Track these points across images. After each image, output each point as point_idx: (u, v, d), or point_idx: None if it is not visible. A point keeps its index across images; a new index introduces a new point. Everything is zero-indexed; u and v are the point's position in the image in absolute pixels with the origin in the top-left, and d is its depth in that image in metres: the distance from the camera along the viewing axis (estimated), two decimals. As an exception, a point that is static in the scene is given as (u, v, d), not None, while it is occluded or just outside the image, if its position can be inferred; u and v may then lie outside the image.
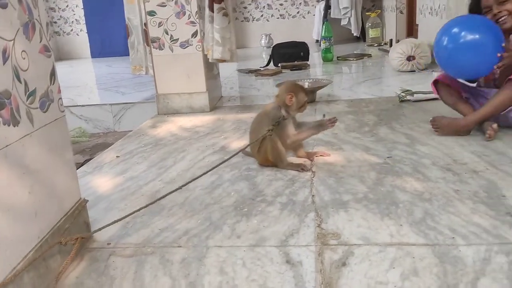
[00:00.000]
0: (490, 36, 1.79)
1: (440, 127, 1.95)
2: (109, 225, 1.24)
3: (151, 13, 2.69)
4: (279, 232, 1.27)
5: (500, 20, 1.85)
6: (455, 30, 1.84)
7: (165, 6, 2.67)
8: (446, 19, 2.61)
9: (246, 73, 4.30)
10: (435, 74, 3.24)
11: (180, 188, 1.38)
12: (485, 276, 1.00)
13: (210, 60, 2.69)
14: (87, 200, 1.33)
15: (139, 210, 1.29)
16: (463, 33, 1.80)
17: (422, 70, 3.52)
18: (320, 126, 1.73)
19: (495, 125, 1.83)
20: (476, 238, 1.14)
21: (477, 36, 1.79)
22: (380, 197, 1.43)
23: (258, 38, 6.57)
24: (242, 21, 6.82)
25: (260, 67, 4.50)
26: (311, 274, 1.07)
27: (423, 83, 3.07)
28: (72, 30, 7.12)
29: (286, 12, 6.75)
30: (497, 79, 1.96)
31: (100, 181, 1.80)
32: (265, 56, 5.44)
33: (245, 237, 1.26)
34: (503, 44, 1.77)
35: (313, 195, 1.49)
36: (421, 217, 1.28)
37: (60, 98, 1.23)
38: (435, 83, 2.07)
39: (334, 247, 1.17)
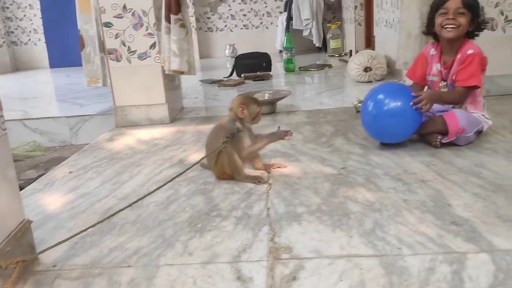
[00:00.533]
0: (408, 103, 1.87)
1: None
2: (52, 247, 1.20)
3: (107, 25, 2.65)
4: (232, 248, 1.26)
5: (447, 27, 1.90)
6: (380, 97, 1.93)
7: (122, 17, 2.63)
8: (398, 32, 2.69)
9: (209, 83, 4.29)
10: (392, 84, 3.33)
11: (130, 205, 1.35)
12: (429, 286, 1.02)
13: (166, 72, 2.67)
14: (31, 221, 1.28)
15: (85, 230, 1.25)
16: (386, 101, 1.90)
17: (378, 80, 3.61)
18: (274, 135, 1.75)
19: (440, 136, 1.90)
20: (422, 248, 1.17)
21: (398, 103, 1.88)
22: (333, 208, 1.45)
23: (222, 48, 6.58)
24: (206, 31, 6.82)
25: (223, 77, 4.50)
26: (261, 290, 1.06)
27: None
28: (30, 39, 6.92)
29: (250, 22, 6.80)
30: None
31: (50, 199, 1.74)
32: (230, 66, 5.45)
33: (197, 254, 1.25)
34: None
35: (268, 208, 1.49)
36: (371, 228, 1.30)
37: (2, 116, 1.18)
38: None
39: (286, 261, 1.17)
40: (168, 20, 2.49)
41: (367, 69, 3.56)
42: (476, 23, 1.92)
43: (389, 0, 3.65)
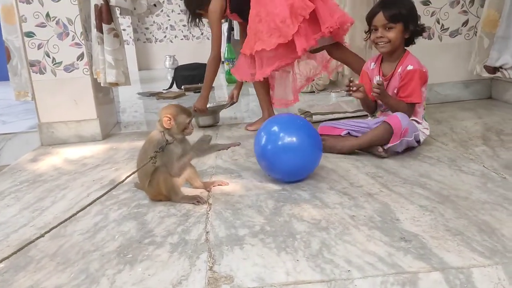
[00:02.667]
0: (305, 138, 1.67)
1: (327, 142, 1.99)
2: None
3: (29, 34, 2.42)
4: (166, 281, 1.12)
5: (379, 44, 1.93)
6: (274, 129, 1.68)
7: (45, 26, 2.42)
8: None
9: (148, 96, 4.10)
10: (333, 95, 3.33)
11: (42, 236, 1.17)
12: (381, 312, 0.94)
13: (102, 84, 2.48)
14: None
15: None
16: (281, 135, 1.65)
17: (321, 91, 3.60)
18: (215, 146, 1.68)
19: (380, 148, 1.87)
20: (371, 269, 1.09)
21: (294, 138, 1.64)
22: (277, 228, 1.34)
23: (162, 59, 6.39)
24: (144, 42, 6.60)
25: (163, 89, 4.33)
26: (197, 331, 0.93)
27: (322, 104, 3.12)
28: (-50, 52, 6.37)
29: (190, 33, 6.66)
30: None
31: (-44, 232, 1.51)
32: (170, 78, 5.28)
33: (126, 290, 1.09)
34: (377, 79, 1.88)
35: (207, 232, 1.36)
36: (317, 249, 1.20)
37: None
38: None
39: (226, 293, 1.05)
40: (100, 30, 2.31)
41: (309, 79, 3.53)
42: (412, 30, 1.92)
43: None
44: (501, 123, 2.29)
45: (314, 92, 3.57)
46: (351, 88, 1.95)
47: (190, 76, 4.36)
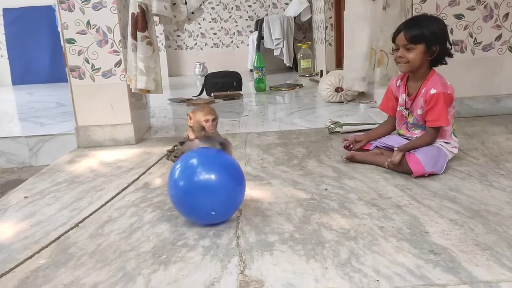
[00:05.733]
0: (225, 178, 1.47)
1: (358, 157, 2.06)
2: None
3: (70, 41, 2.53)
4: (199, 282, 1.16)
5: (399, 63, 1.93)
6: (192, 164, 1.48)
7: (86, 33, 2.53)
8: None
9: (178, 102, 4.19)
10: (362, 106, 3.34)
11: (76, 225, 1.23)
12: (409, 323, 0.96)
13: (133, 90, 2.56)
14: (-25, 256, 1.15)
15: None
16: (198, 170, 1.45)
17: (349, 101, 3.61)
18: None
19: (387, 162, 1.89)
20: (400, 280, 1.11)
21: (212, 176, 1.44)
22: (306, 236, 1.37)
23: (192, 66, 6.50)
24: (175, 49, 6.74)
25: (193, 96, 4.41)
26: (229, 331, 0.97)
27: (351, 115, 3.14)
28: (-9, 55, 6.66)
29: (220, 41, 6.77)
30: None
31: (2, 228, 1.60)
32: (199, 84, 5.37)
33: (161, 289, 1.14)
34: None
35: (238, 237, 1.40)
36: (346, 258, 1.23)
37: None
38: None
39: (257, 297, 1.09)
40: (134, 37, 2.40)
41: (338, 90, 3.56)
42: (436, 51, 1.87)
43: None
44: (534, 139, 2.26)
45: (343, 102, 3.58)
46: (350, 146, 2.09)
47: (219, 83, 4.43)
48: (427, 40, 1.85)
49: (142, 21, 2.40)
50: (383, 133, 2.13)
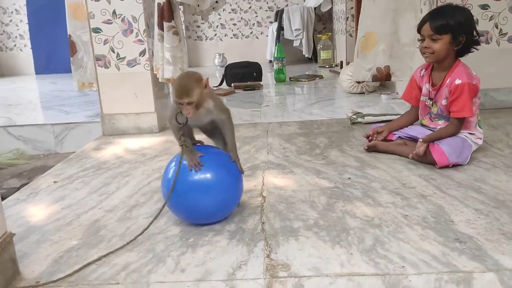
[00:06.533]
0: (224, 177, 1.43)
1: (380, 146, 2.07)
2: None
3: (96, 30, 2.58)
4: (226, 264, 1.20)
5: (425, 54, 1.91)
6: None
7: (111, 23, 2.57)
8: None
9: (198, 92, 4.23)
10: (383, 97, 3.32)
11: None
12: (436, 307, 0.98)
13: (160, 80, 2.61)
14: (14, 234, 1.20)
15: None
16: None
17: (370, 92, 3.59)
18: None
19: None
20: (426, 267, 1.12)
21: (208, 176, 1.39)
22: (331, 223, 1.39)
23: (211, 57, 6.54)
24: (195, 40, 6.77)
25: (213, 86, 4.44)
26: (258, 311, 1.00)
27: (372, 105, 3.13)
28: (15, 45, 6.79)
29: (240, 32, 6.78)
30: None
31: (34, 210, 1.66)
32: (219, 75, 5.40)
33: (190, 270, 1.18)
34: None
35: (263, 222, 1.43)
36: (371, 245, 1.25)
37: (-17, 122, 1.11)
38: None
39: (284, 279, 1.11)
40: (161, 27, 2.44)
41: (359, 81, 3.54)
42: (462, 41, 1.85)
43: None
44: (560, 132, 2.23)
45: (364, 93, 3.57)
46: (373, 138, 2.09)
47: (239, 73, 4.45)
48: (453, 30, 1.83)
49: (168, 11, 2.43)
50: (405, 124, 2.12)
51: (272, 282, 1.10)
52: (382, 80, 2.83)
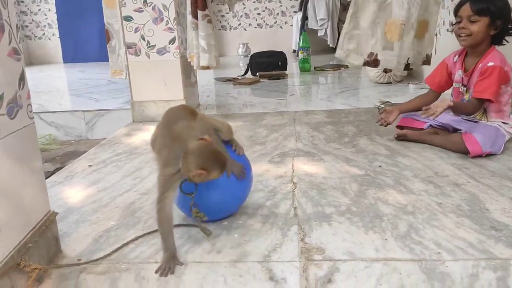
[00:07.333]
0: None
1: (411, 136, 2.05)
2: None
3: (128, 18, 2.62)
4: (261, 247, 1.22)
5: (461, 36, 1.88)
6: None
7: (142, 11, 2.60)
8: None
9: (224, 81, 4.25)
10: (411, 86, 3.28)
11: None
12: (473, 293, 0.98)
13: (195, 68, 2.65)
14: (57, 213, 1.25)
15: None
16: None
17: (398, 82, 3.55)
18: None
19: None
20: (462, 253, 1.12)
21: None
22: (363, 209, 1.40)
23: (235, 47, 6.54)
24: (219, 29, 6.78)
25: (238, 76, 4.46)
26: (296, 292, 1.02)
27: (400, 95, 3.10)
28: (44, 34, 6.92)
29: (264, 21, 6.75)
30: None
31: (71, 192, 1.71)
32: (242, 65, 5.41)
33: (226, 252, 1.20)
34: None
35: (295, 208, 1.45)
36: (405, 231, 1.25)
37: (30, 105, 1.15)
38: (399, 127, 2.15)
39: (319, 262, 1.13)
40: (195, 16, 2.46)
41: (386, 70, 3.51)
42: (500, 26, 1.83)
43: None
44: None
45: (391, 83, 3.53)
46: (384, 119, 2.06)
47: (265, 63, 4.45)
48: (492, 14, 1.81)
49: (202, 0, 2.46)
50: (418, 106, 2.04)
51: (307, 265, 1.12)
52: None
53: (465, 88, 1.96)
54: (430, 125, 2.06)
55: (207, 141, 1.20)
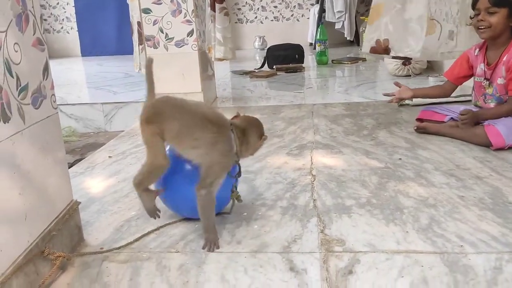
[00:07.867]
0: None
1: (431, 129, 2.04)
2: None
3: (146, 11, 2.63)
4: (281, 238, 1.22)
5: (480, 29, 1.86)
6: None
7: (161, 4, 2.61)
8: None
9: (241, 74, 4.25)
10: (431, 79, 3.23)
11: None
12: (497, 286, 0.97)
13: (213, 59, 2.65)
14: (80, 202, 1.27)
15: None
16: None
17: (417, 75, 3.50)
18: None
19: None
20: (485, 246, 1.11)
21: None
22: (384, 202, 1.39)
23: (251, 40, 6.52)
24: (236, 22, 6.76)
25: (255, 69, 4.45)
26: (316, 282, 1.02)
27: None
28: (62, 27, 7.00)
29: (280, 14, 6.72)
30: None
31: (92, 182, 1.73)
32: (259, 58, 5.40)
33: (246, 242, 1.21)
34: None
35: (314, 199, 1.44)
36: (427, 224, 1.24)
37: (53, 95, 1.17)
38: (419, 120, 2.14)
39: (339, 254, 1.12)
40: (213, 8, 2.47)
41: (406, 63, 3.46)
42: None
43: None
44: None
45: (410, 76, 3.49)
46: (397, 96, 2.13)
47: (281, 56, 4.43)
48: (511, 4, 1.78)
49: (219, -7, 2.47)
50: (433, 95, 2.20)
51: (328, 256, 1.12)
52: (379, 53, 2.65)
53: (487, 82, 1.92)
54: (452, 117, 2.03)
55: (240, 115, 1.35)
